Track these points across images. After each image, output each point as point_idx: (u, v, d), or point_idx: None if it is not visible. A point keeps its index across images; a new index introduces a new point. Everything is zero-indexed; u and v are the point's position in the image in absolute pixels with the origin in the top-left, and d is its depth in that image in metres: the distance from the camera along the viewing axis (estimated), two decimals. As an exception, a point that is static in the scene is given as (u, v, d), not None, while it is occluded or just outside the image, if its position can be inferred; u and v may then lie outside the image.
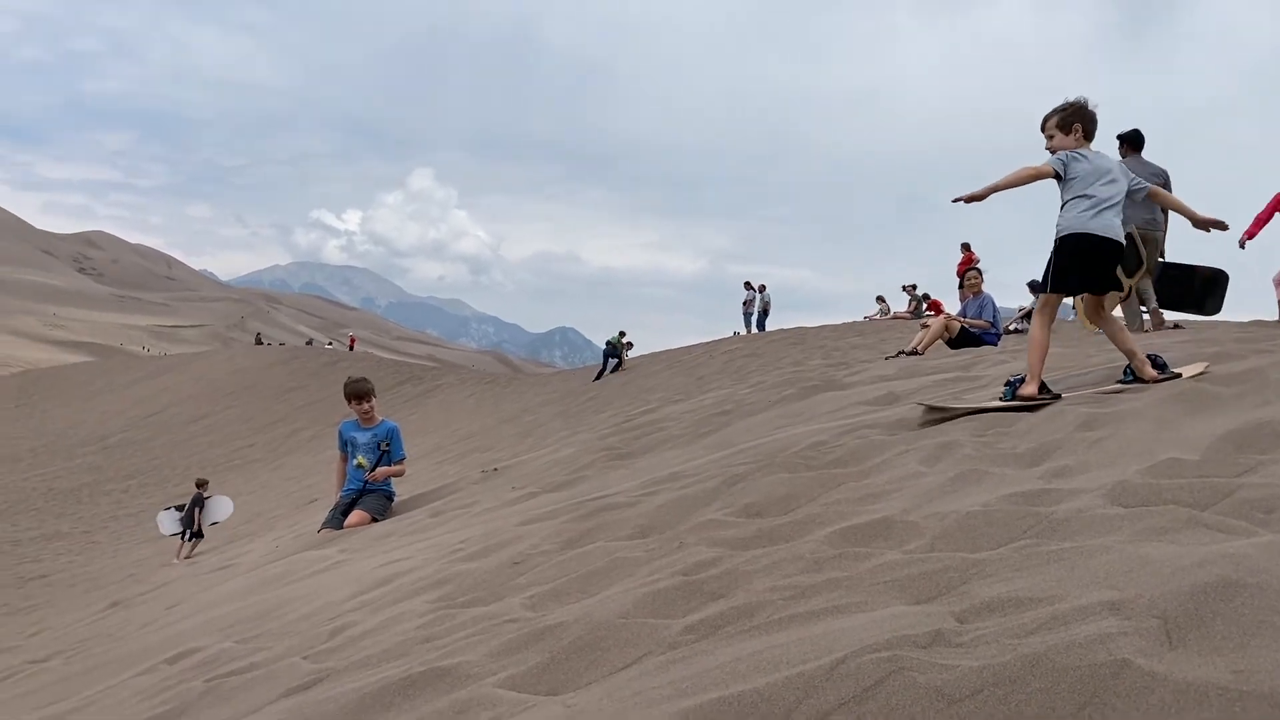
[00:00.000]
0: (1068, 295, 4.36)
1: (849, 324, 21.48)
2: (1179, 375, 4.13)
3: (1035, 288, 14.14)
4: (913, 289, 23.72)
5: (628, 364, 21.46)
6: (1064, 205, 4.18)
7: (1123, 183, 4.17)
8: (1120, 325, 4.41)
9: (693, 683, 1.79)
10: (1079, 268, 4.17)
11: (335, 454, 7.31)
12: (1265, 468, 2.56)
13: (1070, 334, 8.95)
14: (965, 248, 20.20)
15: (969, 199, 4.13)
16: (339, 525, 6.67)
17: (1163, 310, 8.25)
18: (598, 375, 21.19)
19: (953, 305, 15.61)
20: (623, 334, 22.02)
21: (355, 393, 7.01)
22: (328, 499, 8.84)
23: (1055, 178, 4.17)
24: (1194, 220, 4.37)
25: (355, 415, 7.11)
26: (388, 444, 6.99)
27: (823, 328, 20.70)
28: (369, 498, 6.84)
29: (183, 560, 11.29)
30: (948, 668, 1.54)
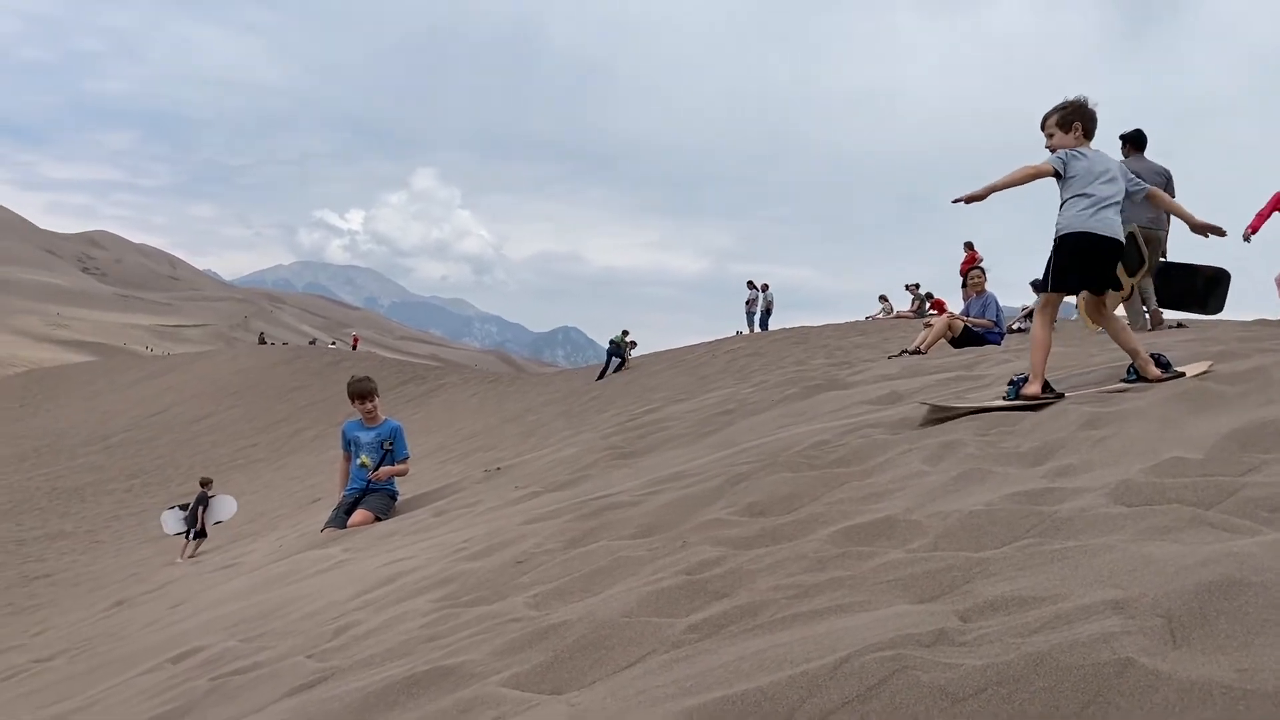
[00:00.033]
0: (1068, 294, 4.35)
1: (852, 323, 21.48)
2: (1183, 374, 4.12)
3: (1037, 287, 14.12)
4: (916, 288, 23.67)
5: (631, 363, 21.48)
6: (1063, 204, 4.18)
7: (1121, 182, 4.17)
8: (1122, 324, 4.40)
9: (696, 681, 1.79)
10: (1079, 266, 4.16)
11: (338, 453, 7.32)
12: (1269, 467, 2.56)
13: (1073, 333, 8.94)
14: (968, 247, 20.15)
15: (969, 199, 4.12)
16: (342, 524, 6.68)
17: (1165, 309, 8.25)
18: (600, 374, 21.20)
19: (956, 304, 15.59)
20: (626, 333, 22.01)
21: (358, 392, 7.02)
22: (331, 498, 8.85)
23: (1055, 176, 4.16)
24: (1192, 225, 4.35)
25: (359, 415, 7.12)
26: (391, 443, 7.00)
27: (825, 327, 20.70)
28: (372, 497, 6.85)
29: (186, 559, 11.29)
30: (951, 667, 1.54)
